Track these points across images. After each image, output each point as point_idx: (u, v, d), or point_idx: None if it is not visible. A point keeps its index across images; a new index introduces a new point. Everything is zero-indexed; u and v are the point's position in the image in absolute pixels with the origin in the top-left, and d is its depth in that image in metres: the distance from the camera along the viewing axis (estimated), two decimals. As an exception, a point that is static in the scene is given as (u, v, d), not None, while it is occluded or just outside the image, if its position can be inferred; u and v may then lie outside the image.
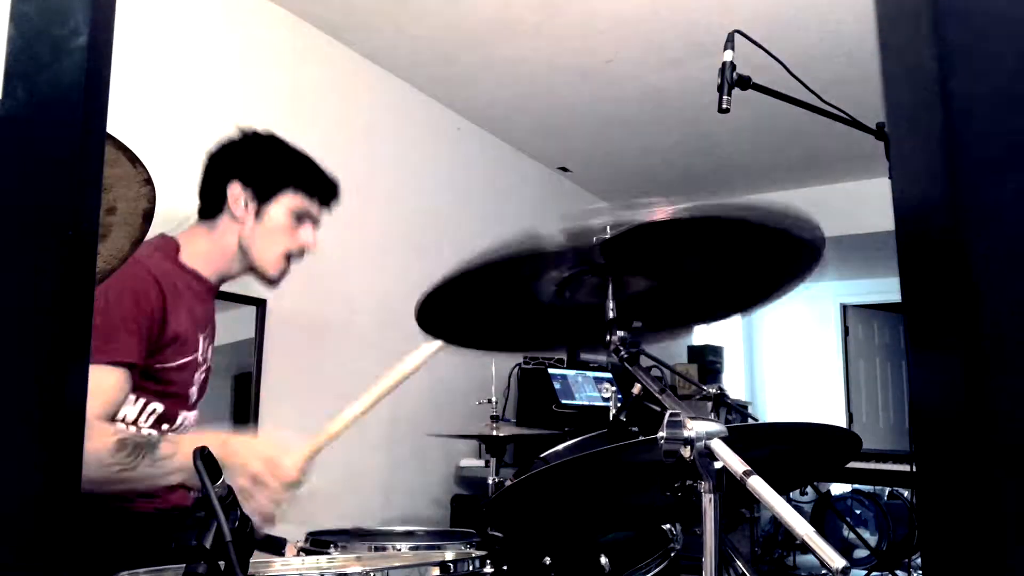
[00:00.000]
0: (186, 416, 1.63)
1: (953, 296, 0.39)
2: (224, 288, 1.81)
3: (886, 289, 6.51)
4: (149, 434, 1.47)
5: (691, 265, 1.15)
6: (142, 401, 1.49)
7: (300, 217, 1.66)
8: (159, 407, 1.53)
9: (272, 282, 1.69)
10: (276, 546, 1.66)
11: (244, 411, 2.60)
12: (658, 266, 1.13)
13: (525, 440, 3.23)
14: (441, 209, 3.64)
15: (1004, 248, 0.38)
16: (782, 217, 1.00)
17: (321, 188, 1.69)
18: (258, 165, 1.64)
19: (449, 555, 1.27)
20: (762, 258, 1.15)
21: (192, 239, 1.65)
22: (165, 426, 1.56)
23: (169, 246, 1.61)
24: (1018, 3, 0.40)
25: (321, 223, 1.73)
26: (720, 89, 1.67)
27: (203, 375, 1.67)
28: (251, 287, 2.59)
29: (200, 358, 1.62)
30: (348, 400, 2.99)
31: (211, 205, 1.66)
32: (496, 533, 1.35)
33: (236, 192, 1.62)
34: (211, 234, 1.65)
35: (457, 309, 1.25)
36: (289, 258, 1.68)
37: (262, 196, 1.63)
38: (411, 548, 1.37)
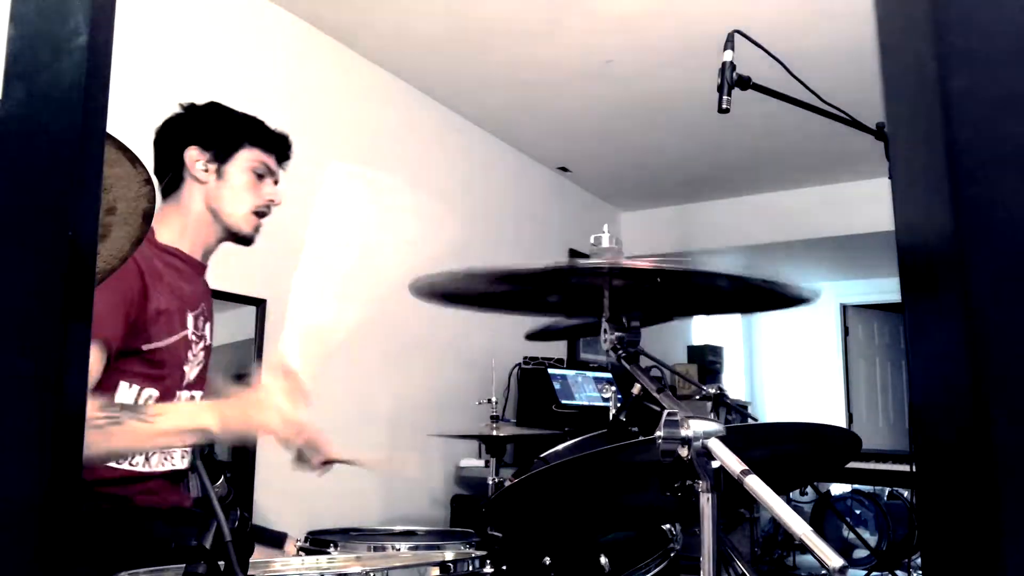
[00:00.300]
0: (189, 396, 1.64)
1: (953, 296, 0.39)
2: (224, 288, 1.81)
3: (886, 289, 6.52)
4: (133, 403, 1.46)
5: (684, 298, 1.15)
6: (136, 388, 1.49)
7: (260, 174, 1.68)
8: (155, 392, 1.53)
9: (248, 241, 1.70)
10: (276, 541, 1.66)
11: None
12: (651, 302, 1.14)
13: (525, 440, 3.23)
14: (440, 209, 3.64)
15: (1004, 248, 0.38)
16: (775, 282, 1.01)
17: (275, 143, 1.71)
18: (209, 129, 1.66)
19: (449, 555, 1.27)
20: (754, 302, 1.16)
21: (163, 220, 1.65)
22: None
23: None
24: (1018, 4, 0.40)
25: (280, 180, 1.74)
26: (720, 89, 1.67)
27: (200, 354, 1.67)
28: (251, 287, 2.59)
29: (192, 336, 1.61)
30: (347, 399, 2.98)
31: (171, 179, 1.67)
32: (496, 533, 1.35)
33: (194, 155, 1.64)
34: (179, 208, 1.66)
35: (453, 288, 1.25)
36: (259, 215, 1.69)
37: (220, 156, 1.65)
38: (411, 548, 1.37)
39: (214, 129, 1.66)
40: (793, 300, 1.12)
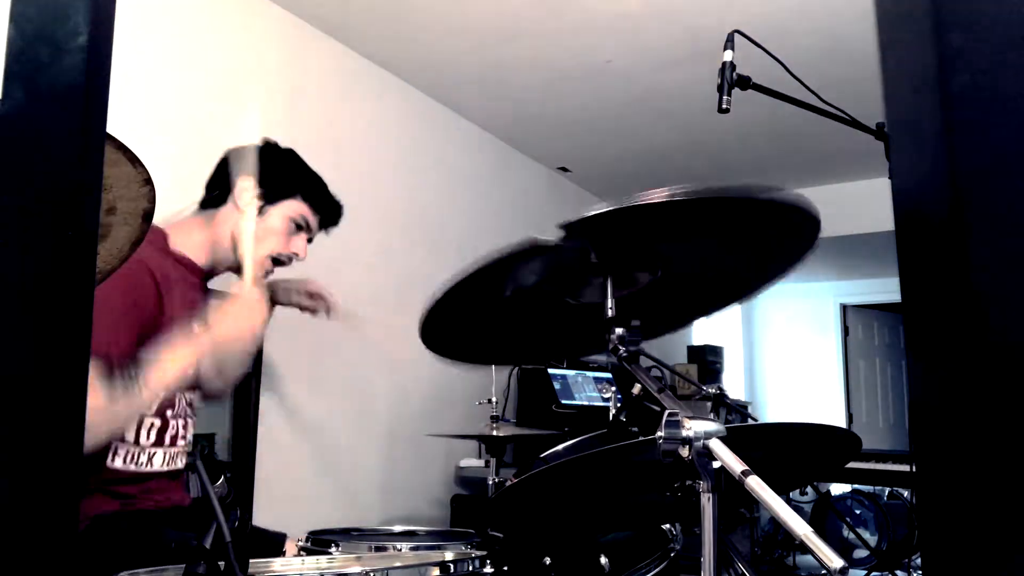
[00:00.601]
0: (188, 401, 1.65)
1: (953, 295, 0.39)
2: (224, 288, 1.80)
3: (886, 289, 6.51)
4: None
5: (688, 250, 1.14)
6: None
7: (298, 226, 1.70)
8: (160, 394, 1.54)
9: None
10: (275, 543, 1.66)
11: (244, 411, 2.60)
12: (655, 254, 1.13)
13: (525, 440, 3.23)
14: (441, 209, 3.65)
15: (1003, 247, 0.38)
16: (779, 195, 1.00)
17: (326, 207, 1.75)
18: (273, 168, 1.68)
19: (449, 555, 1.27)
20: (760, 238, 1.14)
21: (186, 228, 1.66)
22: (169, 412, 1.57)
23: (157, 236, 1.61)
24: (1018, 4, 0.40)
25: (314, 240, 1.78)
26: (720, 89, 1.67)
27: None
28: (251, 287, 2.59)
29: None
30: (347, 398, 2.98)
31: (216, 197, 1.69)
32: (496, 533, 1.35)
33: (245, 184, 1.65)
34: (209, 224, 1.68)
35: (458, 323, 1.25)
36: (275, 261, 1.71)
37: (269, 196, 1.67)
38: (411, 548, 1.37)
39: (276, 170, 1.68)
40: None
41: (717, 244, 1.14)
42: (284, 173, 1.69)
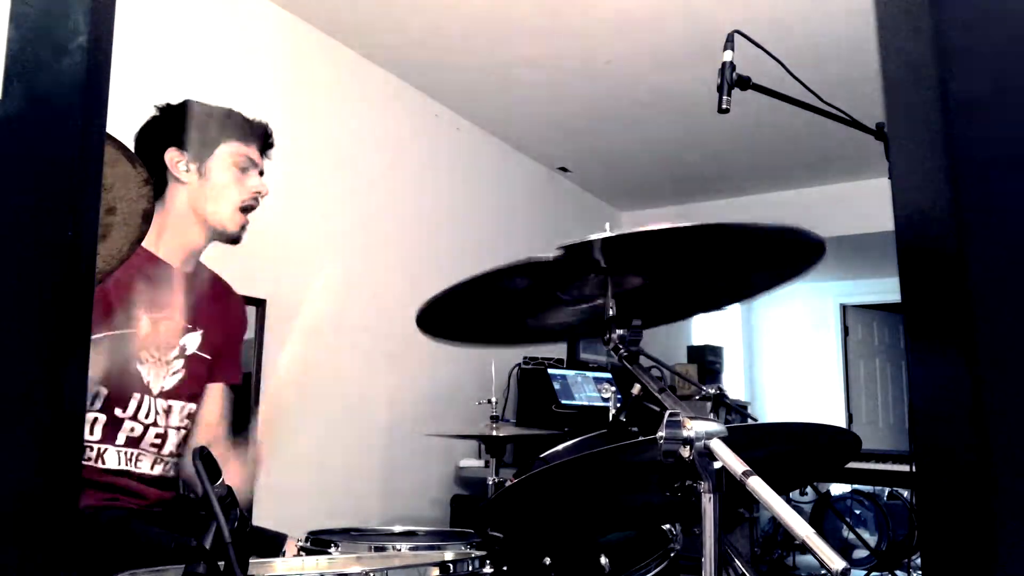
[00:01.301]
0: (149, 401, 1.57)
1: (952, 296, 0.39)
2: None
3: (886, 289, 6.51)
4: None
5: (689, 266, 1.15)
6: None
7: (244, 168, 1.66)
8: (102, 390, 1.48)
9: (235, 240, 1.67)
10: (275, 543, 1.65)
11: (244, 410, 2.60)
12: (656, 269, 1.13)
13: (525, 440, 3.23)
14: (441, 209, 3.65)
15: (1003, 248, 0.38)
16: (784, 229, 1.01)
17: (254, 134, 1.68)
18: (186, 128, 1.64)
19: (449, 555, 1.27)
20: (762, 260, 1.15)
21: None
22: (118, 411, 1.51)
23: None
24: (1017, 4, 0.40)
25: (265, 171, 1.71)
26: (720, 89, 1.67)
27: (176, 363, 1.63)
28: (251, 287, 2.59)
29: (143, 336, 1.56)
30: (347, 398, 2.98)
31: (156, 183, 1.65)
32: (496, 533, 1.35)
33: (174, 156, 1.62)
34: (162, 210, 1.64)
35: (456, 313, 1.25)
36: (245, 211, 1.66)
37: (199, 155, 1.63)
38: (411, 548, 1.37)
39: (191, 128, 1.63)
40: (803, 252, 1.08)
41: (719, 261, 1.14)
42: (197, 126, 1.64)
